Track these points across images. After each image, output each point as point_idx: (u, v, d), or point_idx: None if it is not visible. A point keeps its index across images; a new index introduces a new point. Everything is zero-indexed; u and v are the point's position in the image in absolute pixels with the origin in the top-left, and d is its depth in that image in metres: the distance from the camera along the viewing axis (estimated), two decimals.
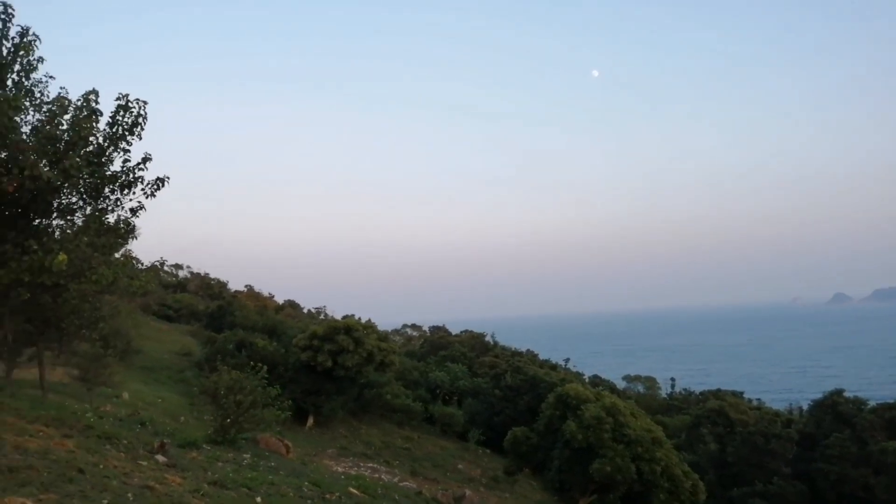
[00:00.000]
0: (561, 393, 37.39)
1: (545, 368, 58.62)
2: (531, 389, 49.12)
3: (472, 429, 48.30)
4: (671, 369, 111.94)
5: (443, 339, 76.86)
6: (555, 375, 52.70)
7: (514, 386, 50.34)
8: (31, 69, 10.81)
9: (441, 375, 55.43)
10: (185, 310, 71.52)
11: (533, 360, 65.33)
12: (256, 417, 18.94)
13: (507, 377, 51.63)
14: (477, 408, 50.98)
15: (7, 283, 10.69)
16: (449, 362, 60.46)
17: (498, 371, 54.75)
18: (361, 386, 43.85)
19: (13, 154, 10.12)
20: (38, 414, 12.88)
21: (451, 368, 57.83)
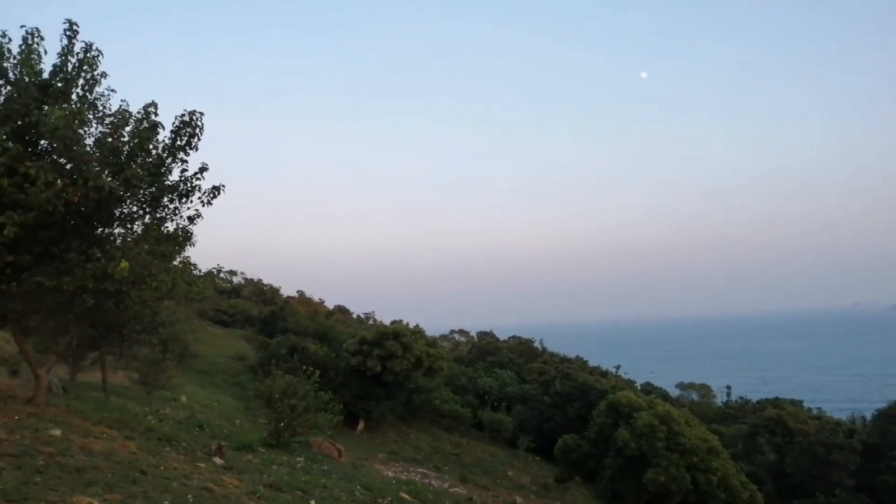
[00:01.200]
0: (612, 400, 36.77)
1: (595, 375, 57.81)
2: (581, 396, 48.46)
3: (522, 435, 47.93)
4: (726, 377, 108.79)
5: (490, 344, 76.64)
6: (605, 382, 51.92)
7: (563, 393, 49.76)
8: (95, 83, 11.26)
9: (489, 381, 55.24)
10: (240, 315, 73.25)
11: (582, 367, 64.49)
12: (309, 421, 19.19)
13: (557, 384, 51.08)
14: (526, 414, 50.58)
15: (72, 290, 11.11)
16: (497, 368, 60.22)
17: (547, 377, 54.23)
18: (410, 391, 44.06)
19: (78, 165, 10.52)
20: (101, 416, 13.35)
21: (499, 374, 57.58)
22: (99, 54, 11.23)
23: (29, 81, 10.50)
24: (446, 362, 47.49)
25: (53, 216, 10.31)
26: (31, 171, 9.94)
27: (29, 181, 9.93)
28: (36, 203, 9.92)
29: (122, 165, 10.94)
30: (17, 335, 12.52)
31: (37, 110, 10.41)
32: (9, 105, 10.39)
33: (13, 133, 10.25)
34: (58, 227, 10.77)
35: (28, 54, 10.57)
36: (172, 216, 11.95)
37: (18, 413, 10.81)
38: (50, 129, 10.07)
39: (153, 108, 11.39)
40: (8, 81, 10.58)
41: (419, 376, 42.88)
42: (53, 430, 10.11)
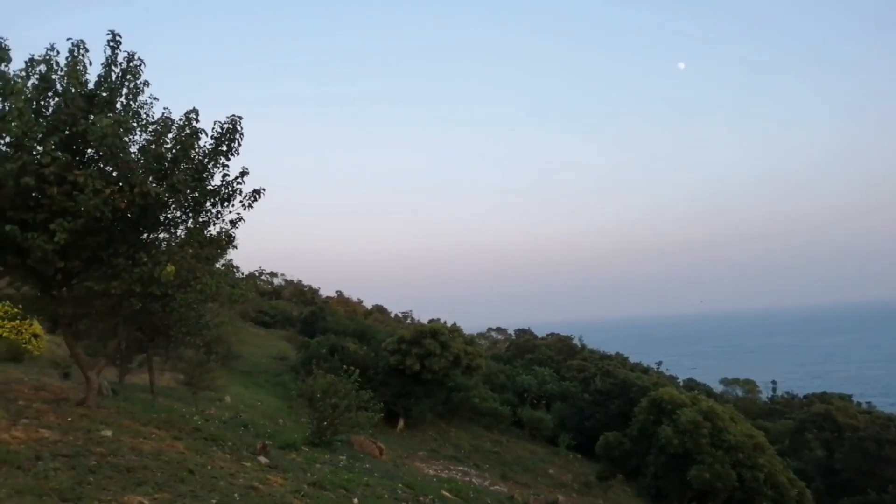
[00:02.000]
0: (654, 397, 36.31)
1: (636, 372, 57.07)
2: (622, 394, 47.92)
3: (562, 433, 47.60)
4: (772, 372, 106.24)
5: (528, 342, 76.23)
6: (647, 379, 51.23)
7: (604, 390, 49.27)
8: (138, 92, 11.53)
9: (528, 379, 54.98)
10: (281, 316, 74.33)
11: (623, 364, 63.72)
12: (351, 420, 19.36)
13: (597, 381, 50.61)
14: (566, 412, 50.22)
15: (120, 294, 11.40)
16: (536, 366, 59.90)
17: (587, 375, 53.77)
18: (449, 389, 44.13)
19: (124, 172, 10.80)
20: (150, 417, 13.67)
21: (538, 372, 57.26)
22: (141, 63, 11.50)
23: (75, 92, 10.80)
24: (484, 360, 47.43)
25: (101, 222, 10.58)
26: (79, 179, 10.23)
27: (78, 189, 10.22)
28: (85, 210, 10.20)
29: (166, 171, 11.18)
30: (69, 339, 12.90)
31: (84, 120, 10.71)
32: (57, 115, 10.71)
33: (61, 143, 10.57)
34: (106, 233, 11.06)
35: (74, 66, 10.87)
36: (215, 220, 12.16)
37: (71, 415, 11.13)
38: (97, 138, 10.34)
39: (194, 114, 11.61)
40: (56, 93, 10.90)
41: (457, 374, 42.92)
42: (105, 431, 10.38)
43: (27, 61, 10.72)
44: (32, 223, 10.35)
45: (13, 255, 11.10)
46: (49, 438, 9.09)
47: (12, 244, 10.50)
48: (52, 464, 7.90)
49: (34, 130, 10.22)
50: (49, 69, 10.83)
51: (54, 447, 8.69)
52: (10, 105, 10.18)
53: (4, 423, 9.39)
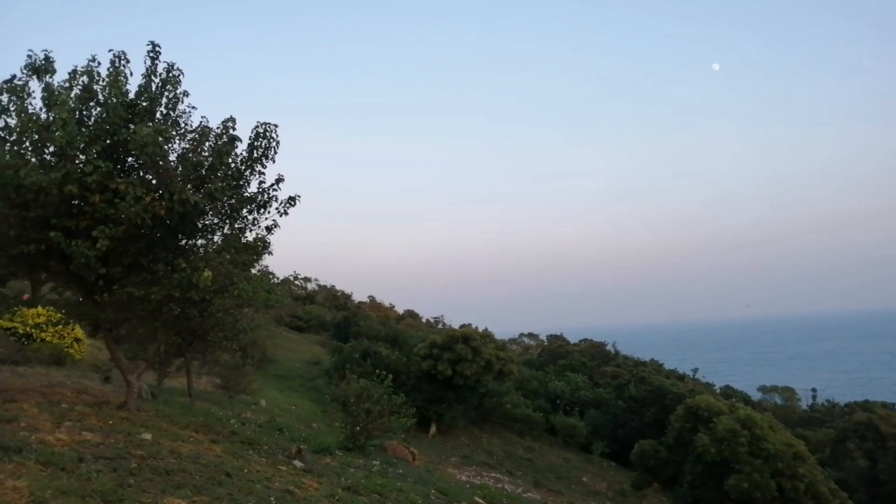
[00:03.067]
0: (691, 404, 35.70)
1: (671, 379, 56.16)
2: (657, 401, 47.21)
3: (596, 440, 47.06)
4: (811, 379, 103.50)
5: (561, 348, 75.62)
6: (682, 386, 50.40)
7: (638, 397, 48.61)
8: (177, 101, 11.77)
9: (561, 385, 54.49)
10: (314, 320, 75.00)
11: (658, 370, 62.74)
12: (384, 425, 19.42)
13: (631, 388, 49.96)
14: (600, 419, 49.65)
15: (159, 299, 11.64)
16: (569, 372, 59.36)
17: (621, 381, 53.12)
18: (481, 395, 43.97)
19: (164, 180, 11.02)
20: (188, 420, 13.88)
21: (571, 378, 56.73)
22: (180, 74, 11.74)
23: (117, 102, 11.06)
24: (516, 366, 47.19)
25: (142, 229, 10.81)
26: (120, 186, 10.46)
27: (119, 196, 10.46)
28: (126, 217, 10.43)
29: (203, 179, 11.38)
30: (110, 343, 13.19)
31: (125, 129, 10.96)
32: (99, 125, 10.97)
33: (103, 151, 10.83)
34: (146, 240, 11.29)
35: (116, 77, 11.14)
36: (251, 226, 12.34)
37: (112, 418, 11.35)
38: (138, 147, 10.57)
39: (231, 122, 11.80)
40: (98, 103, 11.18)
41: (489, 380, 42.76)
42: (144, 434, 10.56)
43: (70, 72, 11.02)
44: (75, 230, 10.61)
45: (57, 262, 11.41)
46: (91, 441, 9.27)
47: (56, 251, 10.78)
48: (94, 466, 8.04)
49: (77, 139, 10.49)
50: (91, 80, 11.11)
51: (96, 449, 8.85)
52: (54, 115, 10.47)
53: (49, 426, 9.62)
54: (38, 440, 8.60)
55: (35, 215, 10.58)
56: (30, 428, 9.24)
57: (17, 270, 14.93)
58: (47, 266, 11.91)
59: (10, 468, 7.09)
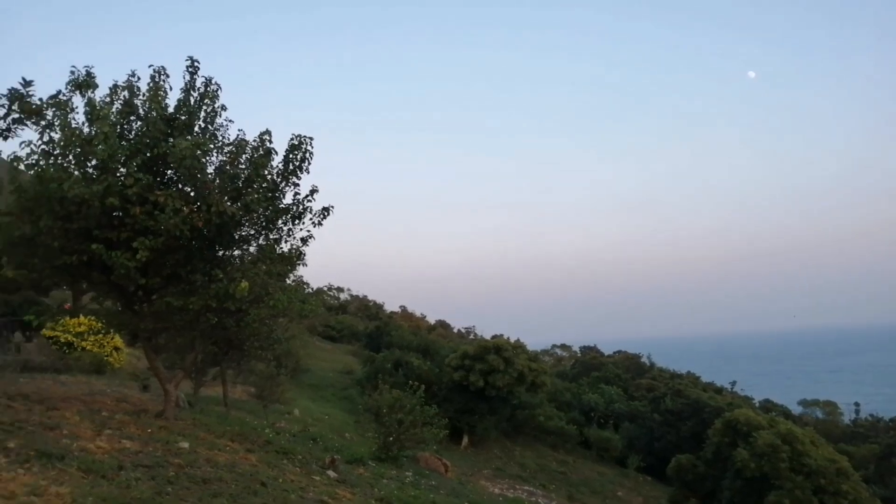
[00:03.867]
0: (729, 418, 34.93)
1: (709, 392, 55.02)
2: (694, 414, 46.26)
3: (631, 454, 46.24)
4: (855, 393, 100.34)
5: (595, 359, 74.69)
6: (720, 399, 49.34)
7: (675, 410, 47.70)
8: (215, 115, 11.98)
9: (595, 397, 53.75)
10: (347, 330, 75.38)
11: (695, 383, 61.49)
12: (417, 436, 19.38)
13: (667, 401, 49.06)
14: (635, 432, 48.81)
15: (197, 309, 11.82)
16: (603, 384, 58.55)
17: (657, 394, 52.22)
18: (514, 406, 43.60)
19: (201, 192, 11.21)
20: (224, 429, 14.02)
21: (605, 390, 55.93)
22: (218, 88, 11.95)
23: (156, 116, 11.30)
24: (549, 377, 46.71)
25: (180, 240, 10.99)
26: (160, 199, 10.67)
27: (158, 209, 10.67)
28: (165, 229, 10.63)
29: (240, 191, 11.55)
30: (148, 352, 13.41)
31: (164, 143, 11.19)
32: (139, 138, 11.22)
33: (143, 164, 11.06)
34: (184, 251, 11.48)
35: (156, 91, 11.40)
36: (286, 237, 12.47)
37: (151, 426, 11.51)
38: (177, 160, 10.79)
39: (267, 135, 11.97)
40: (138, 117, 11.44)
41: (522, 392, 42.38)
42: (182, 443, 10.68)
43: (112, 87, 11.30)
44: (116, 242, 10.84)
45: (98, 273, 11.67)
46: (130, 449, 9.40)
47: (98, 262, 11.03)
48: (133, 473, 8.15)
49: (118, 153, 10.74)
50: (132, 94, 11.38)
51: (135, 457, 8.97)
52: (96, 129, 10.74)
53: (90, 434, 9.79)
54: (79, 447, 8.75)
55: (77, 227, 10.85)
56: (72, 435, 9.42)
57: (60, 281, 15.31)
58: (89, 276, 12.19)
59: (53, 475, 7.22)
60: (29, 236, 11.17)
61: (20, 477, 6.86)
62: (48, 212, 10.82)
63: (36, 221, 10.96)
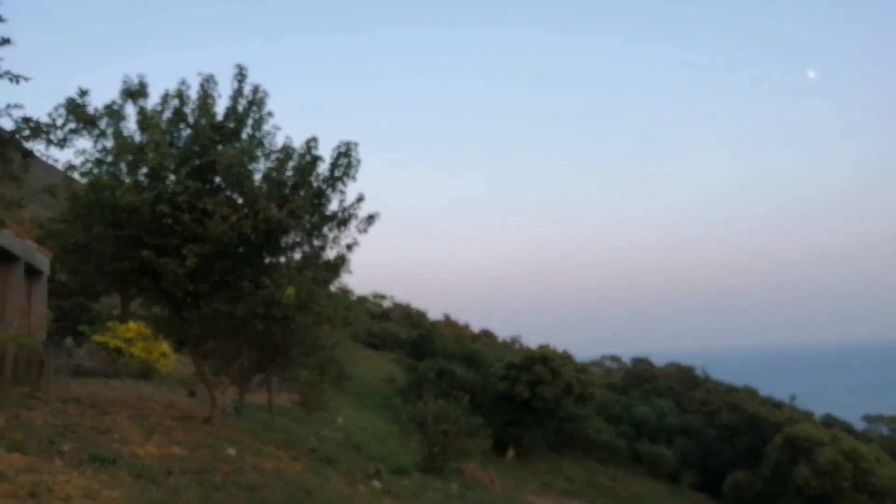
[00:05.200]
0: (789, 434, 33.62)
1: (767, 406, 53.09)
2: (751, 429, 44.66)
3: (684, 470, 44.86)
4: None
5: (646, 371, 72.93)
6: (779, 414, 47.50)
7: (731, 425, 46.18)
8: (262, 122, 12.06)
9: (646, 411, 52.40)
10: (389, 338, 75.46)
11: (752, 397, 59.41)
12: (462, 447, 19.10)
13: (723, 415, 47.57)
14: (689, 447, 47.35)
15: (244, 316, 11.88)
16: (654, 397, 57.11)
17: (711, 408, 50.71)
18: (561, 418, 42.81)
19: (249, 199, 11.28)
20: (269, 436, 14.06)
21: (656, 403, 54.49)
22: (266, 95, 12.04)
23: (205, 124, 11.44)
24: (598, 389, 45.79)
25: (228, 247, 11.07)
26: (208, 206, 10.77)
27: (207, 216, 10.76)
28: (213, 235, 10.71)
29: (286, 197, 11.58)
30: (196, 358, 13.54)
31: (212, 150, 11.31)
32: (188, 146, 11.37)
33: (192, 172, 11.19)
34: (231, 258, 11.56)
35: (205, 99, 11.54)
36: (332, 244, 12.45)
37: (198, 432, 11.58)
38: (225, 167, 10.89)
39: (314, 142, 11.99)
40: (188, 125, 11.60)
41: (570, 403, 41.59)
42: (229, 450, 10.69)
43: (162, 96, 11.49)
44: (165, 248, 10.97)
45: (148, 279, 11.84)
46: (179, 454, 9.45)
47: (148, 268, 11.18)
48: (181, 479, 8.17)
49: (168, 161, 10.90)
50: (182, 103, 11.54)
51: (183, 463, 9.01)
52: (147, 137, 10.92)
53: (139, 439, 9.87)
54: (129, 452, 8.83)
55: (128, 234, 11.02)
56: (122, 440, 9.52)
57: (111, 287, 15.64)
58: (139, 283, 12.39)
59: (105, 479, 7.27)
60: (82, 243, 11.42)
61: (75, 480, 6.95)
62: (101, 219, 11.04)
63: (89, 228, 11.20)
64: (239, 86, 11.80)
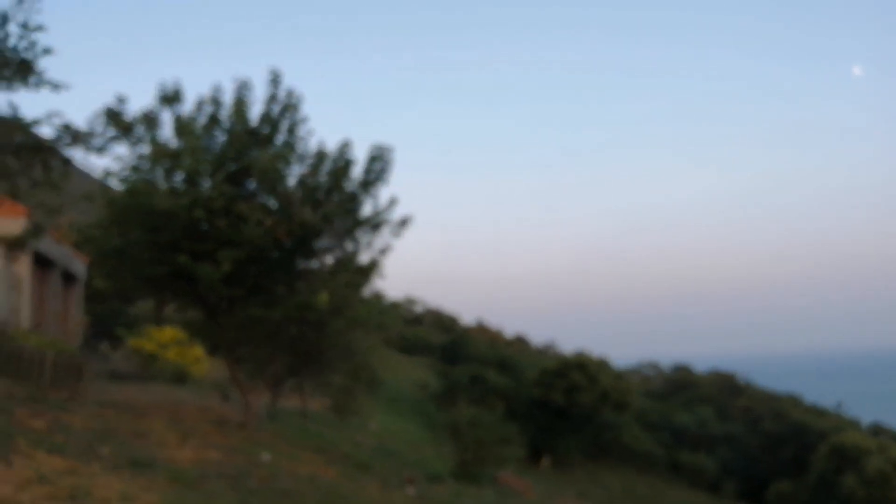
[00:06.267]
0: (835, 443, 32.58)
1: (812, 413, 51.58)
2: (796, 438, 43.38)
3: (726, 480, 43.76)
4: None
5: (686, 378, 71.51)
6: (824, 422, 46.10)
7: (774, 433, 44.95)
8: (296, 126, 12.07)
9: (686, 418, 51.33)
10: (422, 343, 75.30)
11: (796, 404, 57.75)
12: (496, 454, 18.88)
13: (766, 423, 46.37)
14: (730, 456, 46.21)
15: (278, 320, 11.89)
16: (694, 404, 55.91)
17: (754, 416, 49.45)
18: (597, 426, 42.15)
19: (283, 204, 11.30)
20: (303, 442, 14.05)
21: (697, 411, 53.36)
22: (299, 100, 12.05)
23: (240, 129, 11.50)
24: (636, 396, 45.02)
25: (263, 252, 11.09)
26: (243, 211, 10.81)
27: (242, 220, 10.80)
28: (248, 240, 10.74)
29: (320, 202, 11.56)
30: (231, 363, 13.61)
31: (247, 155, 11.36)
32: (223, 152, 11.44)
33: (227, 177, 11.24)
34: (265, 263, 11.58)
35: (240, 105, 11.60)
36: (365, 248, 12.39)
37: (233, 436, 11.61)
38: (260, 172, 10.92)
39: (347, 146, 11.97)
40: (223, 130, 11.67)
41: (607, 411, 40.94)
42: (264, 454, 10.68)
43: (198, 102, 11.58)
44: (200, 254, 11.03)
45: (184, 284, 11.92)
46: (214, 459, 9.46)
47: (183, 273, 11.25)
48: (217, 484, 8.16)
49: (204, 166, 10.97)
50: (217, 108, 11.62)
51: (219, 467, 9.01)
52: (183, 143, 11.01)
53: (175, 443, 9.91)
54: (166, 456, 8.86)
55: (164, 239, 11.12)
56: (158, 444, 9.57)
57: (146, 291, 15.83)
58: (174, 288, 12.50)
59: (142, 483, 7.30)
60: (119, 248, 11.56)
61: (113, 483, 6.98)
62: (138, 224, 11.16)
63: (126, 234, 11.34)
64: (273, 90, 11.83)
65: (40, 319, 17.04)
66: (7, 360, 11.59)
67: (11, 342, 12.45)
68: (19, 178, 9.74)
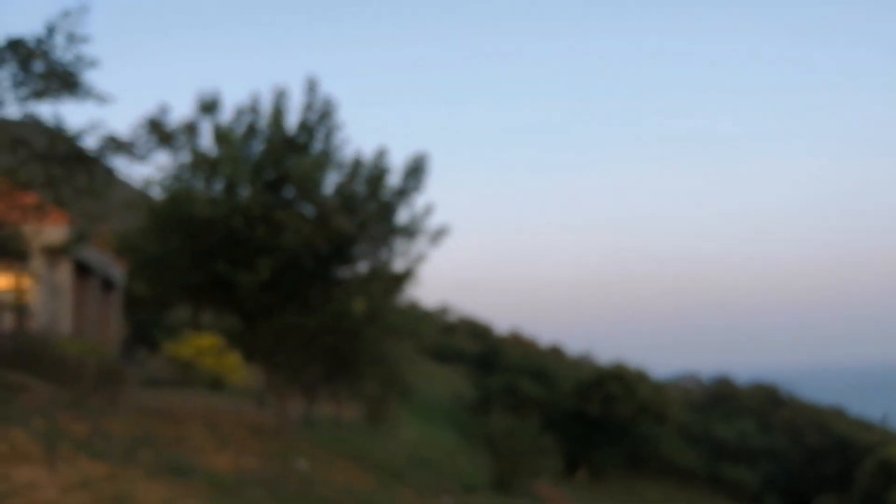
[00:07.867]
0: (882, 457, 31.37)
1: (856, 427, 49.91)
2: (840, 452, 42.03)
3: (767, 494, 42.55)
4: None
5: (726, 390, 69.91)
6: (870, 436, 44.55)
7: (817, 447, 43.59)
8: (333, 134, 12.13)
9: (727, 431, 50.13)
10: (455, 352, 75.02)
11: (840, 417, 55.98)
12: (532, 465, 18.61)
13: (809, 436, 44.98)
14: (772, 470, 44.95)
15: (314, 328, 11.90)
16: (735, 417, 54.59)
17: (797, 429, 48.03)
18: (635, 438, 41.37)
19: (320, 211, 11.33)
20: (339, 449, 14.02)
21: (738, 424, 52.08)
22: (336, 107, 12.11)
23: (278, 137, 11.59)
24: (675, 408, 44.10)
25: (299, 259, 11.13)
26: (281, 218, 10.87)
27: (279, 228, 10.86)
28: (285, 247, 10.79)
29: (356, 209, 11.57)
30: (267, 370, 13.67)
31: (284, 163, 11.43)
32: (261, 160, 11.54)
33: (265, 185, 11.34)
34: (302, 270, 11.61)
35: (278, 113, 11.70)
36: (400, 256, 12.35)
37: (269, 443, 11.63)
38: (297, 179, 10.98)
39: (383, 154, 11.96)
40: (261, 139, 11.78)
41: (645, 423, 40.18)
42: (300, 462, 10.67)
43: (236, 111, 11.71)
44: (238, 261, 11.11)
45: (221, 291, 12.01)
46: (251, 466, 9.47)
47: (221, 280, 11.34)
48: (255, 490, 8.15)
49: (243, 174, 11.07)
50: (255, 117, 11.73)
51: (256, 474, 9.02)
52: (222, 151, 11.13)
53: (213, 449, 9.95)
54: (204, 462, 8.88)
55: (203, 247, 11.23)
56: (196, 450, 9.61)
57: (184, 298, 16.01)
58: (212, 295, 12.61)
59: (181, 488, 7.31)
60: (159, 255, 11.72)
61: (154, 489, 7.00)
62: (177, 232, 11.30)
63: (166, 241, 11.48)
64: (310, 98, 11.90)
65: (80, 326, 17.36)
66: (50, 366, 11.81)
67: (53, 349, 12.69)
68: (63, 186, 9.93)
